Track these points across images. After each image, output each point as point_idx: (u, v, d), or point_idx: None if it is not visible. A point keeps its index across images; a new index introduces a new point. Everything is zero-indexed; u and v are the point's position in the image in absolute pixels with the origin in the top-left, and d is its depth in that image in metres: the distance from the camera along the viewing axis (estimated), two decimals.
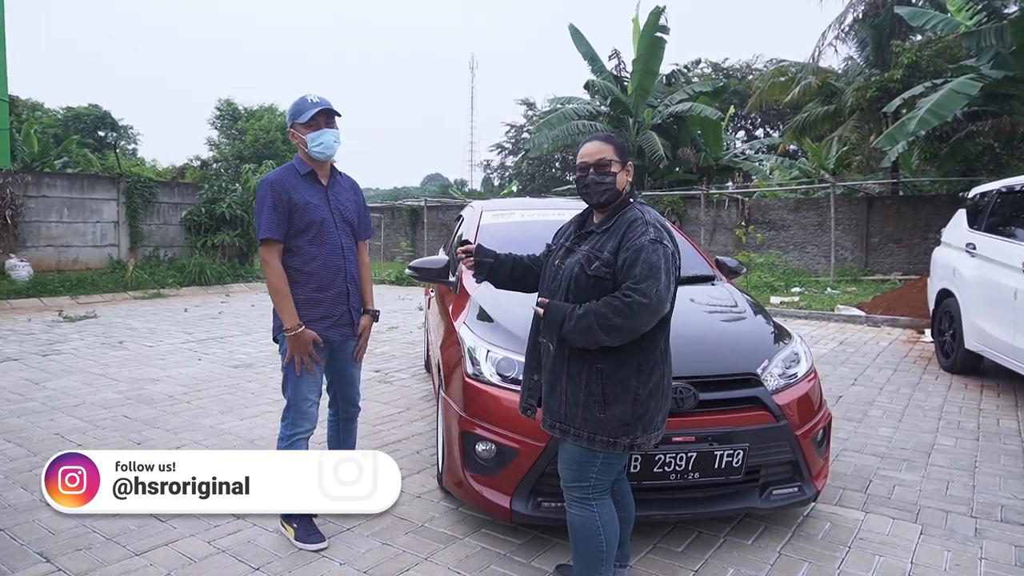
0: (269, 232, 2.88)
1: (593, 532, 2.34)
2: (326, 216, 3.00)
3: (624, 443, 2.27)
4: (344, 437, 3.33)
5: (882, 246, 15.36)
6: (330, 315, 3.02)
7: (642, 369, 2.27)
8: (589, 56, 19.92)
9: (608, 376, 2.26)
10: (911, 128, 11.25)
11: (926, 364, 6.74)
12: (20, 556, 2.88)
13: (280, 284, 2.90)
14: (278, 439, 3.05)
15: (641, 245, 2.22)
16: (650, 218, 2.32)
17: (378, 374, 6.32)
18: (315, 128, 2.93)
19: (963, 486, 3.74)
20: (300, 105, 2.96)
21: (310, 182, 3.01)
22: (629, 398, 2.25)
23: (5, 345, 7.28)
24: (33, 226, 11.75)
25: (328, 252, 3.00)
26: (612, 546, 2.37)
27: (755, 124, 38.86)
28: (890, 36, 17.27)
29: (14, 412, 4.87)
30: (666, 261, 2.22)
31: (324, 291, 3.00)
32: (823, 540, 3.11)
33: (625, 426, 2.26)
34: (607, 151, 2.39)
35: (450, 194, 33.98)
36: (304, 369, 2.94)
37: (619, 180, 2.38)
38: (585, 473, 2.33)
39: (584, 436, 2.28)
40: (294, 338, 2.90)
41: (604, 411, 2.25)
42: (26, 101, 31.97)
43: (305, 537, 3.00)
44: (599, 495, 2.36)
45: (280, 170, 3.02)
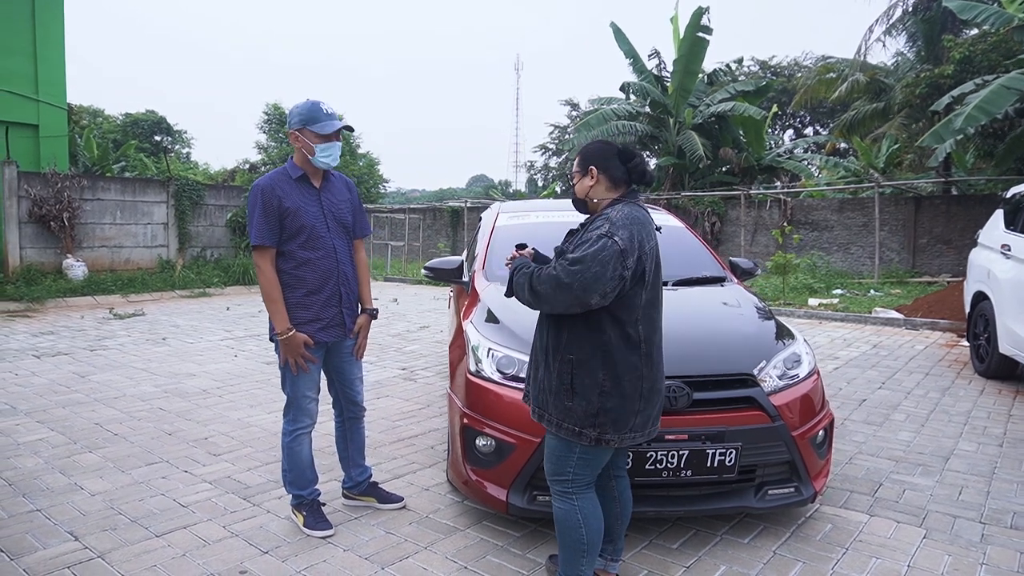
0: (261, 239, 2.95)
1: (574, 525, 2.42)
2: (318, 220, 3.04)
3: (590, 435, 2.34)
4: (351, 437, 3.41)
5: (930, 247, 14.89)
6: (321, 317, 3.08)
7: (607, 362, 2.33)
8: (631, 55, 19.86)
9: (577, 367, 2.36)
10: (958, 125, 10.92)
11: (960, 369, 6.56)
12: (52, 534, 3.10)
13: (271, 289, 2.98)
14: (282, 434, 3.20)
15: (589, 237, 2.34)
16: (615, 216, 2.36)
17: (404, 372, 6.49)
18: (327, 140, 2.98)
19: (977, 492, 3.67)
20: (315, 113, 2.98)
21: (303, 186, 3.05)
22: (595, 390, 2.33)
23: (58, 340, 7.70)
24: (88, 227, 12.36)
25: (320, 256, 3.04)
26: (594, 540, 2.44)
27: (804, 123, 38.02)
28: (942, 30, 16.73)
29: (60, 403, 5.18)
30: (604, 254, 2.24)
31: (315, 294, 3.05)
32: (821, 541, 3.10)
33: (591, 417, 2.34)
34: (575, 162, 2.55)
35: (490, 195, 34.17)
36: (300, 368, 3.05)
37: (579, 186, 2.53)
38: (563, 467, 2.42)
39: (554, 423, 2.41)
40: (285, 341, 3.00)
41: (571, 400, 2.36)
42: (88, 108, 33.50)
43: (313, 524, 3.14)
44: (579, 489, 2.43)
45: (271, 175, 3.05)
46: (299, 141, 3.00)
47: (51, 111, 12.66)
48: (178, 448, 4.26)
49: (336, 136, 3.03)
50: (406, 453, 4.25)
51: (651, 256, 2.37)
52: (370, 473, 3.50)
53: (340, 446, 3.44)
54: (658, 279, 2.44)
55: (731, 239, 17.11)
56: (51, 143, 12.66)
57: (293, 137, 3.02)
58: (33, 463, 3.96)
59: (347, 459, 3.44)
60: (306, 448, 3.19)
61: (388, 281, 16.09)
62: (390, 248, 18.79)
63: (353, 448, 3.41)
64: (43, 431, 4.52)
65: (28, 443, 4.29)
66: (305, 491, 3.21)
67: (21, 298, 10.23)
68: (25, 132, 12.36)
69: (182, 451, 4.21)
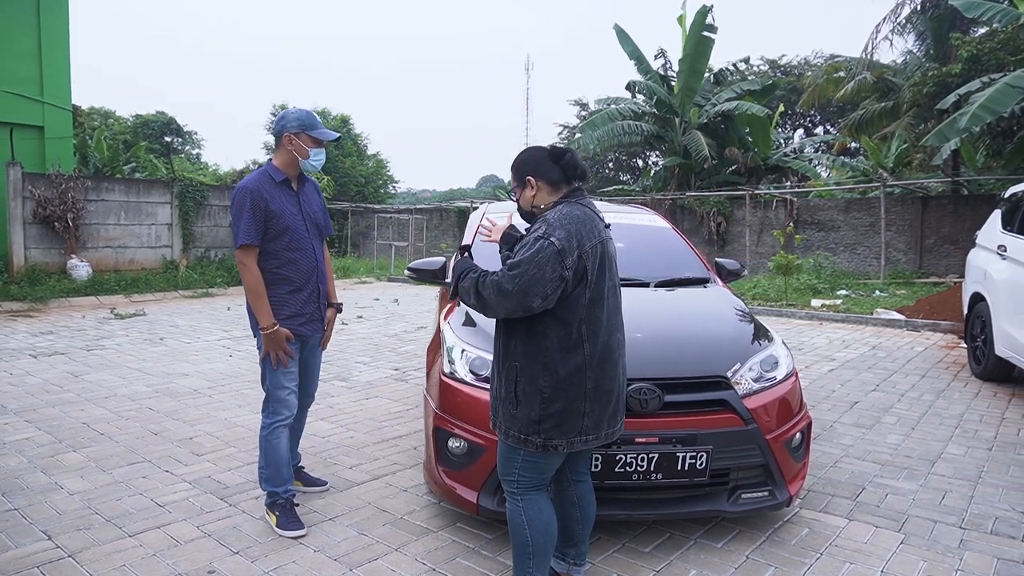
0: (248, 238, 3.07)
1: (519, 527, 2.42)
2: (299, 222, 3.22)
3: (535, 442, 2.33)
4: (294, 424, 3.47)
5: (937, 247, 14.75)
6: (302, 313, 3.24)
7: (548, 369, 2.31)
8: (635, 56, 19.81)
9: (520, 374, 2.35)
10: (962, 124, 10.80)
11: (958, 371, 6.48)
12: (27, 533, 3.11)
13: (257, 286, 3.10)
14: (260, 428, 3.26)
15: (527, 240, 2.33)
16: (553, 217, 2.34)
17: (396, 372, 6.49)
18: (319, 145, 3.19)
19: (960, 496, 3.62)
20: (312, 120, 3.17)
21: (284, 189, 3.21)
22: (537, 397, 2.32)
23: (57, 340, 7.76)
24: (93, 228, 12.45)
25: (301, 255, 3.21)
26: (539, 543, 2.41)
27: (814, 122, 37.75)
28: (950, 28, 16.56)
29: (50, 402, 5.22)
30: (541, 256, 2.22)
31: (298, 292, 3.22)
32: (795, 546, 3.07)
33: (534, 424, 2.32)
34: (512, 177, 2.55)
35: (496, 195, 34.18)
36: (280, 362, 3.15)
37: (522, 199, 2.52)
38: (510, 468, 2.43)
39: (503, 429, 2.42)
40: (269, 336, 3.10)
41: (516, 407, 2.36)
42: (99, 109, 33.80)
43: (286, 524, 3.15)
44: (526, 492, 2.42)
45: (256, 177, 3.16)
46: (293, 144, 3.15)
47: (56, 112, 12.75)
48: (162, 448, 4.27)
49: (324, 144, 3.22)
50: (389, 454, 4.24)
51: (593, 254, 2.33)
52: (299, 459, 3.72)
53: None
54: (603, 277, 2.39)
55: (737, 239, 17.02)
56: (56, 144, 12.76)
57: (287, 140, 3.15)
58: (16, 462, 3.99)
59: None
60: (284, 443, 3.24)
61: (391, 281, 16.12)
62: (394, 248, 18.82)
63: (292, 434, 3.51)
64: (30, 430, 4.55)
65: (13, 442, 4.32)
66: (280, 488, 3.22)
67: (25, 298, 10.32)
68: (30, 133, 12.47)
69: (166, 451, 4.22)
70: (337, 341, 8.04)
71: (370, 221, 23.51)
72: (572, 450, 2.38)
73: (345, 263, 18.41)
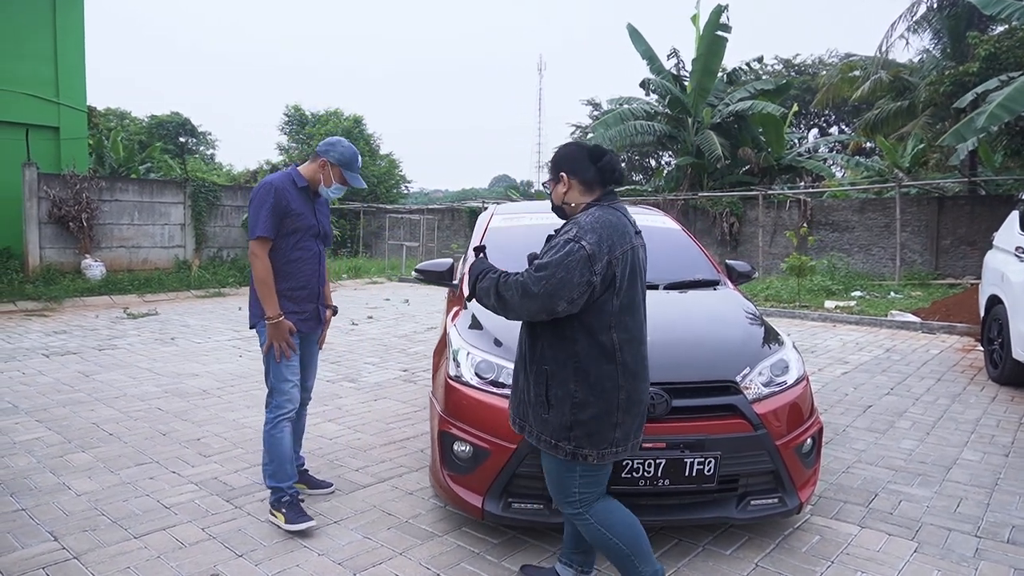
0: (266, 231, 3.22)
1: (603, 540, 2.36)
2: (312, 225, 3.39)
3: (566, 448, 2.29)
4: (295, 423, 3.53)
5: (954, 248, 14.56)
6: (302, 310, 3.39)
7: (579, 374, 2.26)
8: (648, 56, 19.71)
9: (551, 378, 2.31)
10: (980, 124, 10.64)
11: (974, 375, 6.38)
12: (33, 534, 3.12)
13: (267, 276, 3.23)
14: (264, 423, 3.32)
15: (557, 242, 2.28)
16: (585, 220, 2.29)
17: (405, 373, 6.47)
18: (343, 184, 3.44)
19: (976, 504, 3.55)
20: (353, 162, 3.39)
21: (304, 195, 3.40)
22: (568, 402, 2.27)
23: (69, 340, 7.82)
24: (107, 228, 12.54)
25: (308, 256, 3.38)
26: (631, 541, 2.35)
27: (828, 121, 37.43)
28: (968, 26, 16.34)
29: (60, 402, 5.25)
30: (571, 259, 2.18)
31: (301, 289, 3.37)
32: (806, 553, 3.02)
33: (566, 430, 2.28)
34: (548, 170, 2.52)
35: (509, 195, 34.15)
36: (283, 355, 3.26)
37: (554, 194, 2.49)
38: (568, 489, 2.36)
39: (534, 435, 2.37)
40: (274, 325, 3.21)
41: (547, 412, 2.31)
42: (115, 110, 34.12)
43: (294, 519, 3.16)
44: (589, 506, 2.37)
45: (282, 177, 3.34)
46: (324, 170, 3.36)
47: (71, 114, 12.86)
48: (170, 449, 4.28)
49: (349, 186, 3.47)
50: (395, 456, 4.23)
51: (623, 261, 2.28)
52: (303, 461, 3.74)
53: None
54: (634, 284, 2.34)
55: (750, 240, 16.89)
56: (71, 145, 12.87)
57: (322, 164, 3.35)
58: (25, 462, 4.01)
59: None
60: (287, 436, 3.29)
61: (402, 282, 16.13)
62: (406, 248, 18.84)
63: (296, 431, 3.58)
64: (40, 430, 4.58)
65: (23, 442, 4.34)
66: (285, 484, 3.25)
67: (40, 297, 10.41)
68: (46, 134, 12.58)
69: (173, 452, 4.23)
70: (347, 342, 8.05)
71: (382, 221, 23.54)
72: (602, 462, 2.31)
73: (357, 263, 18.45)
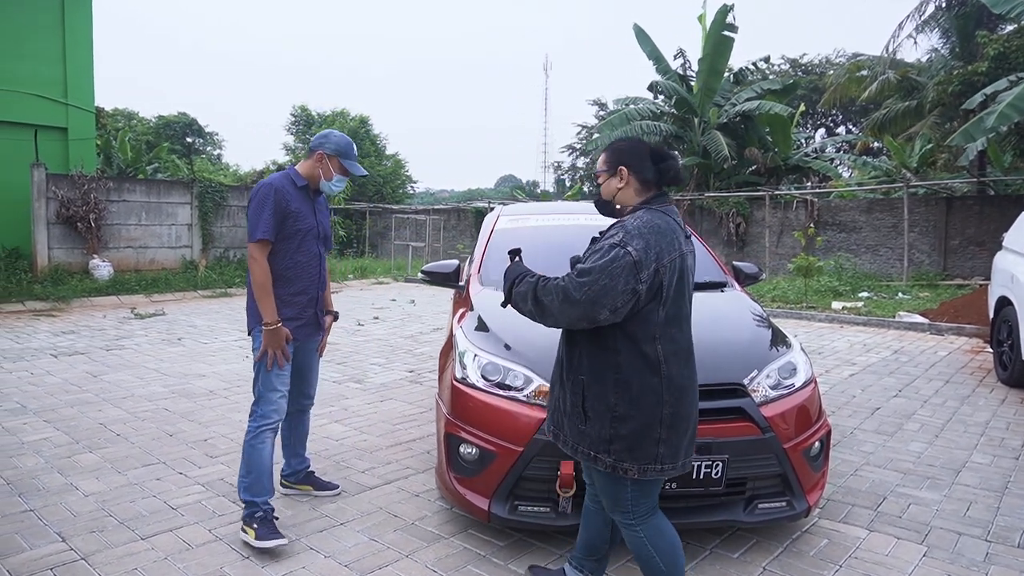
0: (265, 233, 3.11)
1: (647, 557, 2.31)
2: (312, 227, 3.29)
3: (606, 461, 2.20)
4: (296, 426, 3.56)
5: (962, 249, 14.48)
6: (301, 316, 3.29)
7: (619, 387, 2.18)
8: (654, 56, 19.67)
9: (588, 389, 2.23)
10: (989, 124, 10.60)
11: (983, 376, 6.34)
12: (41, 535, 3.13)
13: (265, 281, 3.12)
14: (246, 433, 3.16)
15: (601, 246, 2.19)
16: (632, 225, 2.18)
17: (411, 374, 6.48)
18: (344, 174, 3.31)
19: (986, 508, 3.52)
20: (349, 151, 3.29)
21: (304, 195, 3.29)
22: (607, 415, 2.19)
23: (77, 340, 7.85)
24: (115, 228, 12.61)
25: (308, 259, 3.28)
26: (672, 562, 2.30)
27: (836, 121, 37.29)
28: (977, 26, 16.26)
29: (69, 402, 5.27)
30: (616, 266, 2.09)
31: (300, 295, 3.27)
32: (814, 557, 3.00)
33: (605, 443, 2.20)
34: (600, 160, 2.39)
35: (515, 195, 34.15)
36: (275, 364, 3.15)
37: (606, 187, 2.36)
38: (621, 502, 2.28)
39: (569, 445, 2.31)
40: (271, 332, 3.11)
41: (584, 423, 2.24)
42: (123, 110, 34.26)
43: (265, 535, 2.99)
44: (642, 519, 2.30)
45: (281, 177, 3.25)
46: (322, 163, 3.25)
47: (79, 114, 12.93)
48: (177, 449, 4.29)
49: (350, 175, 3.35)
50: (401, 458, 4.22)
51: (671, 269, 2.16)
52: (308, 463, 3.68)
53: (284, 435, 3.56)
54: (682, 294, 2.23)
55: (756, 240, 16.84)
56: (79, 145, 12.93)
57: (319, 157, 3.25)
58: (33, 462, 4.02)
59: (290, 448, 3.60)
60: (268, 449, 3.14)
61: (408, 282, 16.15)
62: (411, 249, 18.86)
63: (296, 438, 3.59)
64: (48, 430, 4.60)
65: (32, 442, 4.36)
66: (260, 499, 3.09)
67: (48, 297, 10.47)
68: (54, 135, 12.65)
69: (180, 452, 4.24)
70: (353, 342, 8.06)
71: (388, 221, 23.58)
72: (644, 478, 2.20)
73: (363, 263, 18.49)
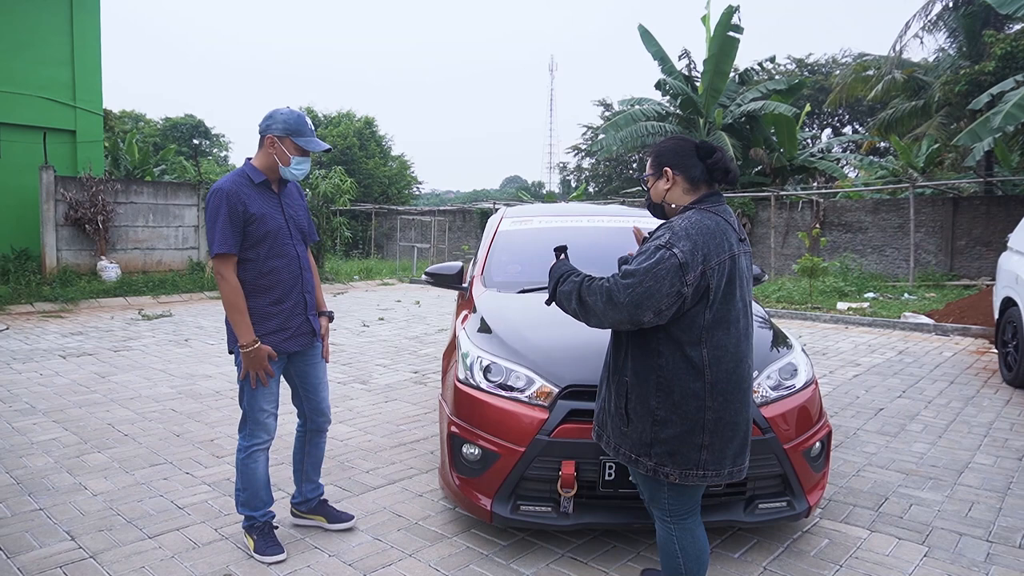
0: (224, 246, 2.78)
1: (671, 554, 2.32)
2: (281, 226, 2.94)
3: (647, 464, 2.21)
4: (310, 450, 3.24)
5: (969, 249, 14.44)
6: (287, 327, 2.97)
7: (661, 390, 2.17)
8: (659, 56, 19.68)
9: (631, 391, 2.24)
10: (996, 124, 10.57)
11: (988, 377, 6.33)
12: (51, 533, 3.18)
13: (236, 299, 2.82)
14: (237, 450, 3.05)
15: (647, 247, 2.18)
16: (679, 225, 2.16)
17: (416, 375, 6.51)
18: (304, 154, 2.92)
19: (988, 508, 3.53)
20: (301, 126, 2.89)
21: (264, 191, 2.93)
22: (648, 418, 2.19)
23: (86, 341, 7.92)
24: (122, 230, 12.71)
25: (285, 263, 2.95)
26: (696, 569, 2.32)
27: (842, 121, 37.19)
28: (984, 25, 16.20)
29: (77, 403, 5.32)
30: (661, 267, 2.07)
31: (281, 303, 2.94)
32: (814, 557, 3.01)
33: (646, 447, 2.20)
34: (648, 164, 2.38)
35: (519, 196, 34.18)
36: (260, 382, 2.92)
37: (653, 190, 2.35)
38: (658, 498, 2.31)
39: (612, 446, 2.32)
40: (248, 354, 2.84)
41: (627, 425, 2.25)
42: (130, 112, 34.47)
43: (264, 548, 2.98)
44: (678, 520, 2.30)
45: (232, 178, 2.88)
46: (275, 148, 2.88)
47: (87, 117, 13.04)
48: (183, 450, 4.34)
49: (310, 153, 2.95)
50: (405, 458, 4.26)
51: (720, 270, 2.12)
52: (322, 491, 3.32)
53: (296, 458, 3.27)
54: (731, 297, 2.18)
55: (762, 241, 16.82)
56: (87, 148, 13.05)
57: (270, 142, 2.88)
58: (43, 462, 4.07)
59: (301, 472, 3.26)
60: (262, 466, 3.02)
61: (413, 283, 16.19)
62: (416, 250, 18.91)
63: (310, 462, 3.24)
64: (57, 431, 4.65)
65: (41, 442, 4.41)
66: (258, 512, 3.03)
67: (56, 299, 10.56)
68: (62, 138, 12.77)
69: (187, 452, 4.28)
70: (358, 343, 8.10)
71: (393, 222, 23.66)
72: (686, 483, 2.19)
73: (368, 264, 18.56)
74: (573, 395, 2.93)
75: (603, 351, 3.06)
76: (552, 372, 3.02)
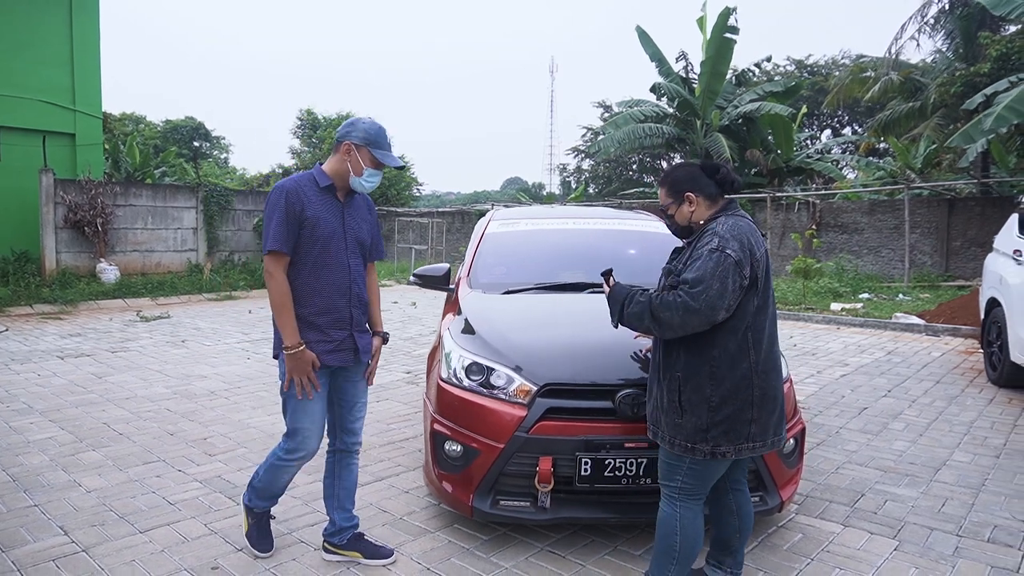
0: (277, 243, 2.71)
1: (670, 531, 2.49)
2: (337, 234, 2.82)
3: (703, 449, 2.39)
4: (341, 474, 3.03)
5: (964, 250, 14.51)
6: (330, 339, 2.82)
7: (715, 378, 2.37)
8: (656, 58, 19.78)
9: (684, 383, 2.42)
10: (987, 126, 10.64)
11: (974, 377, 6.40)
12: (45, 529, 3.26)
13: (283, 299, 2.73)
14: (274, 448, 2.94)
15: (700, 253, 2.39)
16: (722, 230, 2.40)
17: (408, 375, 6.60)
18: (377, 167, 2.82)
19: (961, 504, 3.60)
20: (381, 138, 2.81)
21: (327, 196, 2.83)
22: (704, 406, 2.38)
23: (84, 342, 8.01)
24: (121, 232, 12.81)
25: (333, 272, 2.82)
26: (687, 551, 2.48)
27: (841, 122, 37.26)
28: (980, 27, 16.27)
29: (74, 403, 5.41)
30: (722, 268, 2.30)
31: (325, 313, 2.81)
32: (786, 551, 3.10)
33: (702, 432, 2.38)
34: (662, 195, 2.63)
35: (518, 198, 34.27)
36: (304, 395, 2.77)
37: (679, 215, 2.59)
38: (673, 475, 2.49)
39: (667, 439, 2.48)
40: (293, 357, 2.72)
41: (682, 417, 2.42)
42: (131, 115, 34.62)
43: (255, 541, 3.03)
44: (686, 498, 2.48)
45: (297, 178, 2.82)
46: (350, 156, 2.78)
47: (87, 120, 13.15)
48: (177, 448, 4.42)
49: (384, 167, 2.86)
50: (394, 456, 4.34)
51: (762, 263, 2.41)
52: (357, 522, 3.07)
53: (327, 483, 3.05)
54: (768, 285, 2.47)
55: None
56: (87, 151, 13.15)
57: (346, 148, 2.78)
58: (39, 460, 4.16)
59: (333, 500, 3.03)
60: (289, 476, 2.96)
61: (411, 285, 16.25)
62: (414, 252, 19.01)
63: (342, 488, 3.03)
64: (53, 430, 4.74)
65: (37, 441, 4.50)
66: (263, 503, 3.06)
67: (55, 301, 10.65)
68: (62, 140, 12.87)
69: (180, 451, 4.37)
70: None
71: (392, 224, 23.74)
72: (740, 456, 2.42)
73: None
74: (551, 393, 3.01)
75: (581, 352, 3.16)
76: (531, 371, 3.09)
